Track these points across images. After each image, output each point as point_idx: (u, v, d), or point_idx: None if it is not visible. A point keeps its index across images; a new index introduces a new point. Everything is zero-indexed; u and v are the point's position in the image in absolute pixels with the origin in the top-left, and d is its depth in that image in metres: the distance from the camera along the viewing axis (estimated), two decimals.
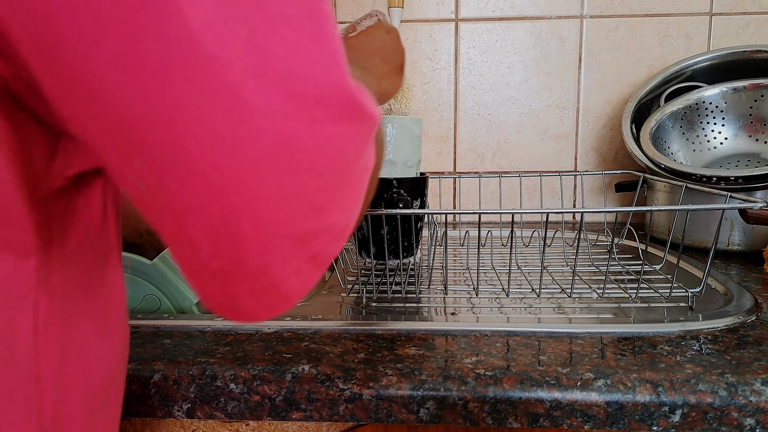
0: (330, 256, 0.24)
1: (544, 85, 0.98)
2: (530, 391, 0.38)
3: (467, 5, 0.97)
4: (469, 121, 1.00)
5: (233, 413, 0.40)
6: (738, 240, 0.71)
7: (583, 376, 0.39)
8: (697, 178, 0.72)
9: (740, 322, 0.48)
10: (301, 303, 0.57)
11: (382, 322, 0.48)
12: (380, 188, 0.63)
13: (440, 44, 0.98)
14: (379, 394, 0.39)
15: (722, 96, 0.84)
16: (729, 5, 0.93)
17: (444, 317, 0.53)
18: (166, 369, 0.40)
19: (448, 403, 0.38)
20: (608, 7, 0.95)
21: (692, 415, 0.37)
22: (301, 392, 0.39)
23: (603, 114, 0.98)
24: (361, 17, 0.50)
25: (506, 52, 0.98)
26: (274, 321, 0.49)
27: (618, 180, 0.93)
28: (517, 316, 0.52)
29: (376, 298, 0.57)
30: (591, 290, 0.57)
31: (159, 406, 0.40)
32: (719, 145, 0.85)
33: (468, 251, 0.68)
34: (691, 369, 0.39)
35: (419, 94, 1.00)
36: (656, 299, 0.55)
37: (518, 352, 0.42)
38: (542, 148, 1.00)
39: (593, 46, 0.96)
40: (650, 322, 0.47)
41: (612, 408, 0.38)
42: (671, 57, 0.95)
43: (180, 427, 0.44)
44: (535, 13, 0.96)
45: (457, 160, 1.01)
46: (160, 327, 0.48)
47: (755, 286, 0.58)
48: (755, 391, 0.37)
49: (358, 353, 0.42)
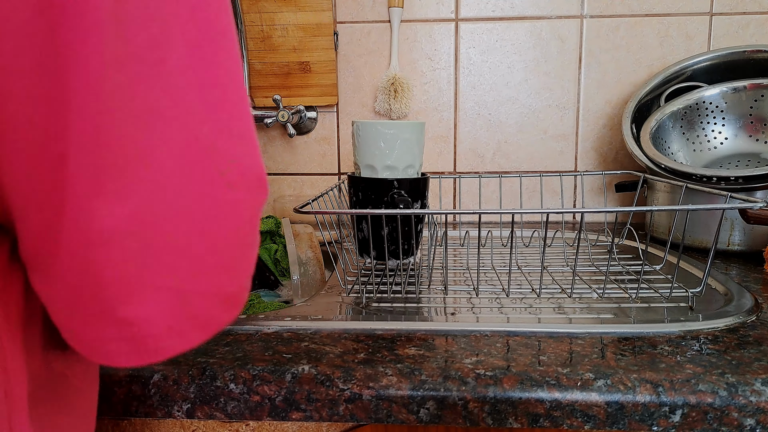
0: (216, 323, 0.24)
1: (544, 85, 0.98)
2: (530, 391, 0.38)
3: (467, 5, 0.97)
4: (469, 121, 1.00)
5: (233, 413, 0.40)
6: (738, 240, 0.71)
7: (583, 376, 0.39)
8: (697, 178, 0.72)
9: (740, 322, 0.48)
10: (301, 303, 0.57)
11: (382, 322, 0.48)
12: (381, 189, 0.63)
13: (440, 44, 0.98)
14: (379, 395, 0.39)
15: (722, 96, 0.84)
16: (729, 5, 0.93)
17: (444, 317, 0.53)
18: (166, 369, 0.40)
19: (448, 403, 0.38)
20: (608, 7, 0.95)
21: (692, 415, 0.37)
22: (301, 392, 0.39)
23: (603, 114, 0.98)
24: None
25: (506, 52, 0.98)
26: (274, 321, 0.49)
27: (618, 180, 0.93)
28: (517, 316, 0.52)
29: (376, 299, 0.57)
30: (591, 290, 0.57)
31: (159, 406, 0.40)
32: (719, 145, 0.85)
33: (468, 251, 0.68)
34: (691, 369, 0.39)
35: (419, 94, 1.00)
36: (656, 299, 0.55)
37: (518, 352, 0.42)
38: (542, 148, 1.00)
39: (593, 46, 0.96)
40: (650, 323, 0.47)
41: (612, 408, 0.38)
42: (671, 57, 0.95)
43: (180, 427, 0.44)
44: (535, 13, 0.96)
45: (457, 160, 1.01)
46: None
47: (755, 286, 0.58)
48: (755, 391, 0.37)
49: (358, 353, 0.42)
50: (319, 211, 0.53)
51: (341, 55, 0.99)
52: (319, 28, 0.95)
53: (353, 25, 0.98)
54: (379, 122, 0.63)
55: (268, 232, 0.77)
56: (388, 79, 0.96)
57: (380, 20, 0.98)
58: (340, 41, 0.98)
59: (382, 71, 0.99)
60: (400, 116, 0.98)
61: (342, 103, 1.01)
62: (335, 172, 1.03)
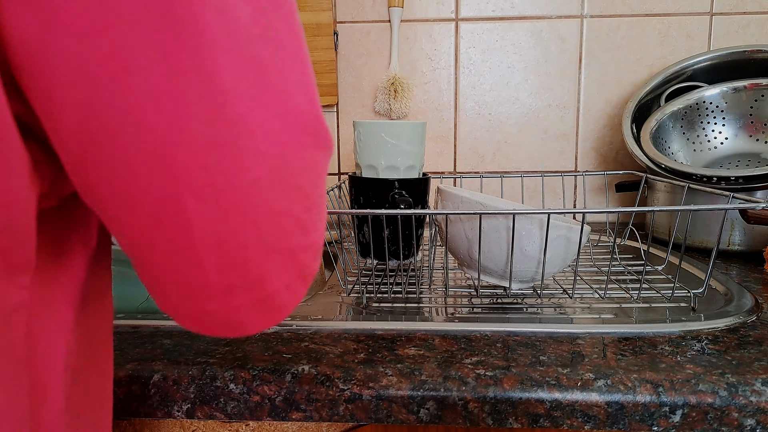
0: (312, 273, 0.27)
1: (544, 84, 0.98)
2: (530, 391, 0.38)
3: (467, 5, 0.97)
4: (469, 121, 1.00)
5: (233, 413, 0.40)
6: (738, 240, 0.71)
7: (584, 376, 0.39)
8: (698, 178, 0.72)
9: (741, 322, 0.48)
10: (301, 303, 0.57)
11: (382, 322, 0.48)
12: (382, 189, 0.63)
13: (440, 44, 0.98)
14: (379, 395, 0.39)
15: (722, 96, 0.84)
16: (729, 5, 0.93)
17: (444, 317, 0.53)
18: (166, 369, 0.40)
19: (448, 403, 0.38)
20: (609, 6, 0.95)
21: (693, 416, 0.37)
22: (301, 392, 0.39)
23: (603, 114, 0.98)
24: None
25: (506, 51, 0.98)
26: None
27: (620, 180, 0.93)
28: (518, 316, 0.52)
29: (377, 299, 0.57)
30: (592, 291, 0.56)
31: (159, 407, 0.40)
32: (719, 145, 0.85)
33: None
34: (691, 369, 0.39)
35: (419, 94, 1.00)
36: (658, 300, 0.55)
37: (518, 353, 0.42)
38: (542, 148, 1.00)
39: (594, 46, 0.96)
40: (651, 323, 0.47)
41: (612, 408, 0.38)
42: (672, 57, 0.95)
43: (180, 428, 0.44)
44: (536, 12, 0.96)
45: (458, 160, 1.01)
46: (160, 327, 0.48)
47: (756, 286, 0.58)
48: (756, 392, 0.37)
49: (358, 353, 0.42)
50: None
51: (341, 54, 0.99)
52: (319, 28, 0.95)
53: (353, 25, 0.98)
54: (381, 122, 0.63)
55: None
56: (388, 79, 0.96)
57: (380, 20, 0.97)
58: (340, 41, 0.98)
59: (382, 71, 0.99)
60: (400, 116, 0.98)
61: (342, 103, 1.01)
62: (335, 172, 1.03)
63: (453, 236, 0.54)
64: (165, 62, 0.19)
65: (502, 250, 0.51)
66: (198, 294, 0.24)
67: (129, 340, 0.45)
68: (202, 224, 0.22)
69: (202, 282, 0.24)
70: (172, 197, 0.21)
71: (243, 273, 0.24)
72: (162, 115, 0.20)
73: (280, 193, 0.24)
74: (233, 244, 0.23)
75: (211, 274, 0.23)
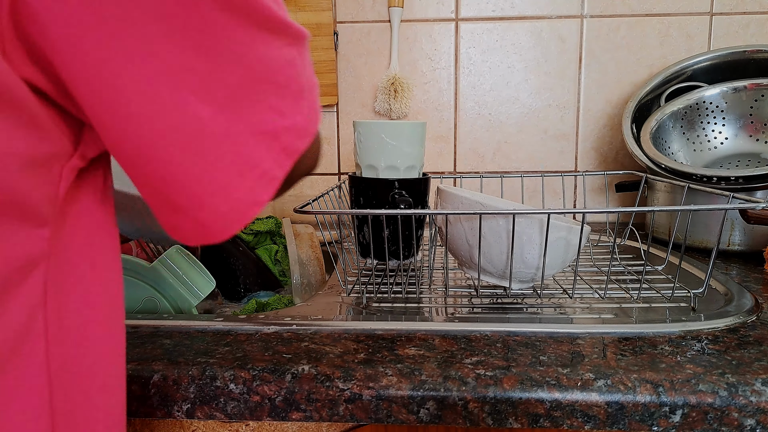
0: (298, 150, 0.31)
1: (544, 84, 0.98)
2: (530, 391, 0.38)
3: (467, 5, 0.97)
4: (469, 120, 1.00)
5: (233, 413, 0.40)
6: (738, 240, 0.71)
7: (584, 376, 0.39)
8: (698, 178, 0.72)
9: (741, 322, 0.48)
10: (301, 303, 0.57)
11: (382, 322, 0.48)
12: (382, 189, 0.63)
13: (440, 44, 0.98)
14: (379, 395, 0.39)
15: (722, 96, 0.84)
16: (729, 5, 0.93)
17: (444, 317, 0.53)
18: (166, 369, 0.40)
19: (448, 403, 0.38)
20: (609, 6, 0.95)
21: (693, 416, 0.37)
22: (301, 392, 0.39)
23: (603, 114, 0.98)
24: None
25: (506, 51, 0.98)
26: (274, 321, 0.49)
27: (620, 180, 0.93)
28: (518, 316, 0.52)
29: (377, 299, 0.57)
30: (592, 291, 0.56)
31: (159, 407, 0.40)
32: (720, 145, 0.85)
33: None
34: (691, 369, 0.39)
35: (419, 94, 1.00)
36: (658, 300, 0.55)
37: (518, 353, 0.42)
38: (542, 148, 1.00)
39: (594, 46, 0.96)
40: (651, 323, 0.47)
41: (612, 408, 0.38)
42: (672, 57, 0.95)
43: (180, 428, 0.44)
44: (536, 12, 0.96)
45: (458, 160, 1.01)
46: (160, 327, 0.48)
47: (755, 286, 0.58)
48: (756, 392, 0.37)
49: (358, 353, 0.42)
50: (320, 211, 0.53)
51: (341, 54, 0.99)
52: (319, 27, 0.95)
53: (353, 25, 0.98)
54: (381, 122, 0.63)
55: (269, 232, 0.77)
56: (388, 79, 0.96)
57: (380, 20, 0.97)
58: (340, 41, 0.98)
59: (382, 71, 0.99)
60: (400, 116, 0.98)
61: (342, 103, 1.01)
62: (335, 172, 1.03)
63: (453, 236, 0.54)
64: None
65: (502, 250, 0.51)
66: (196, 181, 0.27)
67: (129, 340, 0.45)
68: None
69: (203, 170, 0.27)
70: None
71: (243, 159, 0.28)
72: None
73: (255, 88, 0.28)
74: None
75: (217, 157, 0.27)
